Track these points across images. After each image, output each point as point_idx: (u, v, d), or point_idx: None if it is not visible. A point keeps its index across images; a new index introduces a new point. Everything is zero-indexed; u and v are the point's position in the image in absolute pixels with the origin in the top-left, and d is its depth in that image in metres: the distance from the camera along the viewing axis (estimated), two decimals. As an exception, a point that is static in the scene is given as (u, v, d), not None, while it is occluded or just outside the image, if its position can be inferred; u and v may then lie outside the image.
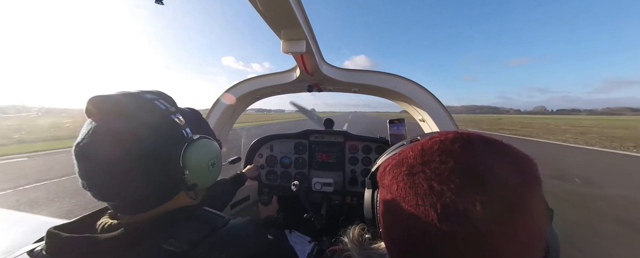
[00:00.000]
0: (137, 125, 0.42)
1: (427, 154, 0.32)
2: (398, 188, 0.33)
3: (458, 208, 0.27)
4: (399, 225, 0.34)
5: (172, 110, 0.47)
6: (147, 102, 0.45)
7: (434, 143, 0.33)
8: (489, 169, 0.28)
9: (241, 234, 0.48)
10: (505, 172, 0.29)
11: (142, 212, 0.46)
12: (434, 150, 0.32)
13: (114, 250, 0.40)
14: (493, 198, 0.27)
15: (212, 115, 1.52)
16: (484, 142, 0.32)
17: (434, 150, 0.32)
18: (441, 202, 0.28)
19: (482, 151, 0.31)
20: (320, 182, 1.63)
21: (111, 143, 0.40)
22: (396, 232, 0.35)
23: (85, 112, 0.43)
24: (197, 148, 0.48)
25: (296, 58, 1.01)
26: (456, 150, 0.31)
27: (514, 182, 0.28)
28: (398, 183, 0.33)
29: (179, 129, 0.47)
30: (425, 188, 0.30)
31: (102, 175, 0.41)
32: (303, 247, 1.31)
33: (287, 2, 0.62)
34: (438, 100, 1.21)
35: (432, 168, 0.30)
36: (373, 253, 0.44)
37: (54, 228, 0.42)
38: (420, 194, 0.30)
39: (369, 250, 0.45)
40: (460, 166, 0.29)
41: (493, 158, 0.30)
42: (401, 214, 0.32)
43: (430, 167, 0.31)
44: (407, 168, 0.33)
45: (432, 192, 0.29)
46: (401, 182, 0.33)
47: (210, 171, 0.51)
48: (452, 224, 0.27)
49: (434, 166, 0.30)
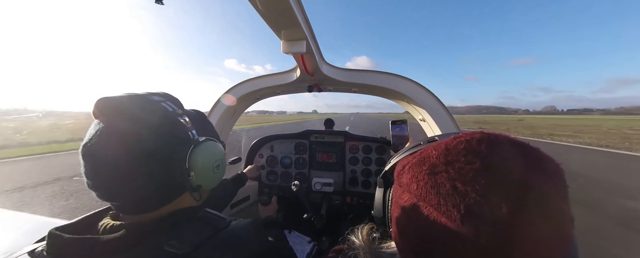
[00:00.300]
0: (144, 126, 0.43)
1: (451, 154, 0.32)
2: (418, 188, 0.32)
3: (483, 210, 0.26)
4: (415, 224, 0.33)
5: (179, 112, 0.48)
6: (154, 103, 0.46)
7: (459, 143, 0.32)
8: (518, 172, 0.28)
9: (242, 236, 0.48)
10: (535, 176, 0.28)
11: (146, 212, 0.46)
12: (459, 149, 0.31)
13: (116, 251, 0.40)
14: (520, 202, 0.26)
15: (212, 115, 1.52)
16: (513, 144, 0.31)
17: (459, 150, 0.31)
18: (465, 203, 0.27)
19: (511, 153, 0.30)
20: (320, 182, 1.63)
21: (118, 144, 0.41)
22: (412, 232, 0.34)
23: (93, 113, 0.43)
24: (203, 151, 0.48)
25: (296, 58, 1.01)
26: (483, 151, 0.30)
27: (543, 188, 0.27)
28: (418, 182, 0.33)
29: (185, 130, 0.47)
30: (448, 188, 0.29)
31: (108, 175, 0.42)
32: (302, 247, 1.31)
33: (287, 2, 0.62)
34: (438, 100, 1.21)
35: (457, 168, 0.30)
36: (382, 253, 0.44)
37: (56, 229, 0.42)
38: (443, 194, 0.29)
39: (378, 249, 0.45)
40: (487, 167, 0.29)
41: (522, 161, 0.29)
42: (419, 214, 0.32)
43: (455, 166, 0.30)
44: (429, 168, 0.32)
45: (456, 192, 0.28)
46: (422, 181, 0.32)
47: (215, 173, 0.52)
48: (476, 226, 0.26)
49: (459, 166, 0.30)
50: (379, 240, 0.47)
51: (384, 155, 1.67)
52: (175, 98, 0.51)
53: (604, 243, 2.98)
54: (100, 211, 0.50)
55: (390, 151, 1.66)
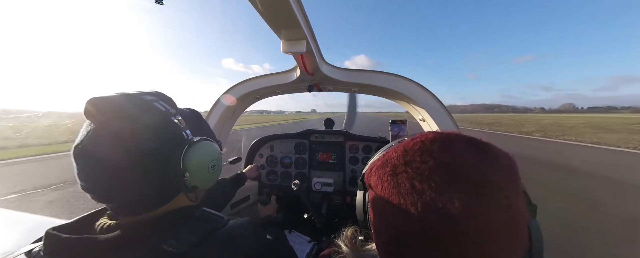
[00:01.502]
0: (136, 126, 0.42)
1: (409, 154, 0.33)
2: (383, 188, 0.34)
3: (437, 206, 0.27)
4: (385, 225, 0.34)
5: (172, 111, 0.47)
6: (146, 103, 0.45)
7: (415, 143, 0.34)
8: (468, 167, 0.29)
9: (240, 235, 0.48)
10: (484, 169, 0.29)
11: (142, 213, 0.46)
12: (415, 150, 0.33)
13: (113, 251, 0.39)
14: (471, 195, 0.27)
15: (212, 115, 1.52)
16: (464, 141, 0.33)
17: (415, 151, 0.33)
18: (422, 201, 0.28)
19: (461, 150, 0.31)
20: (320, 181, 1.63)
21: (110, 145, 0.40)
22: (384, 232, 0.35)
23: (84, 113, 0.42)
24: (198, 151, 0.48)
25: (296, 58, 1.01)
26: (436, 150, 0.32)
27: (493, 179, 0.28)
28: (383, 183, 0.34)
29: (179, 130, 0.46)
30: (408, 188, 0.30)
31: (102, 177, 0.41)
32: (302, 246, 1.31)
33: (287, 2, 0.61)
34: (438, 100, 1.21)
35: (414, 168, 0.31)
36: (365, 255, 0.44)
37: (53, 229, 0.42)
38: (403, 193, 0.31)
39: (362, 251, 0.45)
40: (440, 165, 0.30)
41: (473, 156, 0.31)
42: (387, 214, 0.33)
43: (412, 166, 0.32)
44: (391, 169, 0.34)
45: (414, 190, 0.30)
46: (385, 182, 0.34)
47: (210, 173, 0.51)
48: (433, 222, 0.27)
49: (416, 166, 0.31)
50: (362, 242, 0.47)
51: None
52: (168, 97, 0.50)
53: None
54: (98, 211, 0.50)
55: None
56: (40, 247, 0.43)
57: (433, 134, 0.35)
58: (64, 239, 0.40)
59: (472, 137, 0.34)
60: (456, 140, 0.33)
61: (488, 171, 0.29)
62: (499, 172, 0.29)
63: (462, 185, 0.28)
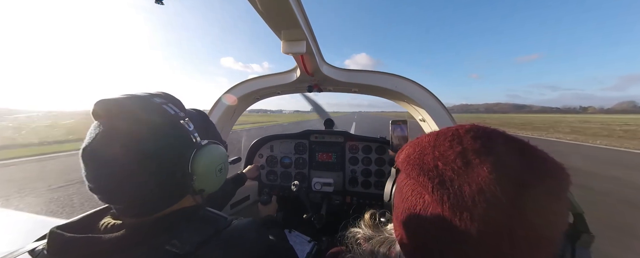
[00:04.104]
0: (145, 129, 0.42)
1: (440, 138, 0.35)
2: (408, 165, 0.36)
3: (453, 185, 0.29)
4: (403, 201, 0.36)
5: (180, 115, 0.47)
6: (155, 106, 0.45)
7: (449, 130, 0.35)
8: (493, 158, 0.29)
9: (243, 236, 0.48)
10: (511, 164, 0.28)
11: (148, 215, 0.46)
12: (447, 136, 0.34)
13: (117, 251, 0.39)
14: (489, 186, 0.27)
15: (212, 115, 1.52)
16: (500, 135, 0.33)
17: (447, 136, 0.34)
18: (440, 177, 0.30)
19: (492, 142, 0.31)
20: (320, 182, 1.63)
21: (119, 148, 0.40)
22: (400, 205, 0.37)
23: (93, 114, 0.43)
24: (206, 154, 0.48)
25: (296, 58, 1.01)
26: (467, 138, 0.32)
27: (518, 175, 0.27)
28: (409, 161, 0.36)
29: (187, 134, 0.46)
30: (431, 167, 0.32)
31: (109, 179, 0.41)
32: (302, 246, 1.31)
33: (287, 2, 0.62)
34: (438, 100, 1.22)
35: (441, 151, 0.33)
36: (385, 235, 0.46)
37: (57, 228, 0.42)
38: (425, 170, 0.32)
39: (382, 231, 0.47)
40: (466, 151, 0.31)
41: (503, 150, 0.30)
42: (406, 190, 0.36)
43: (440, 149, 0.33)
44: (420, 150, 0.36)
45: (436, 169, 0.31)
46: (412, 160, 0.35)
47: (217, 176, 0.51)
48: (442, 195, 0.29)
49: (443, 149, 0.33)
50: (384, 224, 0.50)
51: (384, 155, 1.67)
52: (176, 99, 0.51)
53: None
54: (101, 210, 0.50)
55: (389, 151, 1.66)
56: (43, 245, 0.43)
57: (469, 125, 0.35)
58: (68, 238, 0.40)
59: (511, 135, 0.33)
60: (492, 134, 0.33)
61: (514, 167, 0.28)
62: (527, 170, 0.28)
63: (482, 177, 0.28)
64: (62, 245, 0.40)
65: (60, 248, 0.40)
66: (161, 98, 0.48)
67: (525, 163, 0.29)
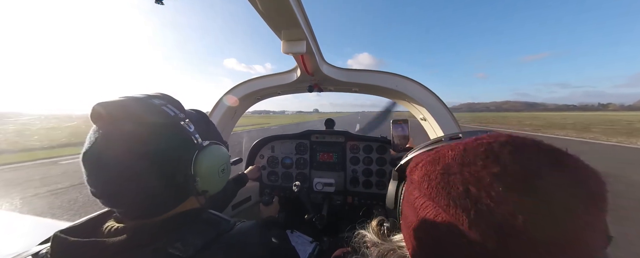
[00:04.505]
0: (145, 132, 0.42)
1: (469, 155, 0.29)
2: (429, 187, 0.31)
3: (495, 218, 0.24)
4: (422, 223, 0.32)
5: (180, 116, 0.46)
6: (155, 107, 0.44)
7: (480, 144, 0.30)
8: (541, 180, 0.25)
9: (246, 239, 0.48)
10: (562, 186, 0.25)
11: (151, 218, 0.45)
12: (478, 152, 0.29)
13: (120, 254, 0.39)
14: (539, 214, 0.23)
15: (213, 116, 1.52)
16: (542, 150, 0.28)
17: (479, 153, 0.29)
18: (476, 208, 0.25)
19: (536, 159, 0.27)
20: (321, 182, 1.63)
21: (119, 151, 0.40)
22: (418, 230, 0.34)
23: (91, 118, 0.42)
24: (208, 155, 0.47)
25: (296, 58, 1.01)
26: (504, 155, 0.27)
27: (569, 200, 0.24)
28: (430, 181, 0.31)
29: (188, 135, 0.46)
30: (461, 191, 0.27)
31: (111, 182, 0.41)
32: (304, 247, 1.31)
33: (287, 2, 0.62)
34: (439, 99, 1.21)
35: (472, 172, 0.27)
36: (392, 246, 0.43)
37: (60, 232, 0.42)
38: (454, 196, 0.27)
39: (389, 242, 0.45)
40: (506, 173, 0.26)
41: (549, 169, 0.26)
42: (427, 213, 0.31)
43: (471, 169, 0.28)
44: (443, 168, 0.30)
45: (468, 195, 0.26)
46: (434, 180, 0.30)
47: (220, 177, 0.51)
48: (484, 234, 0.24)
49: (475, 169, 0.27)
50: (389, 231, 0.47)
51: (385, 155, 1.67)
52: (176, 100, 0.50)
53: None
54: (104, 213, 0.50)
55: (390, 150, 1.65)
56: (47, 249, 0.43)
57: (505, 137, 0.30)
58: (72, 242, 0.40)
59: (553, 146, 0.29)
60: (531, 147, 0.28)
61: (566, 190, 0.25)
62: (579, 192, 0.25)
63: (528, 200, 0.24)
64: (66, 248, 0.40)
65: (63, 252, 0.40)
66: (160, 99, 0.47)
67: (580, 194, 0.25)
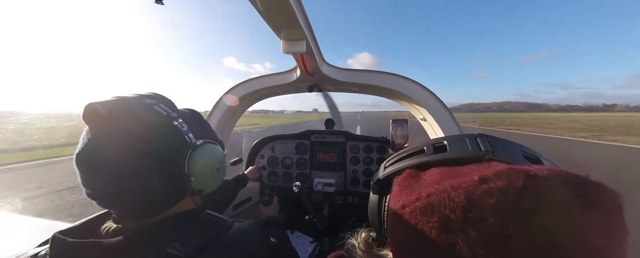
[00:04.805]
0: (138, 131, 0.41)
1: (475, 208, 0.22)
2: (423, 243, 0.25)
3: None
4: (411, 242, 0.28)
5: (173, 115, 0.46)
6: (147, 107, 0.44)
7: (488, 193, 0.22)
8: (573, 245, 0.19)
9: (245, 239, 0.48)
10: (593, 242, 0.19)
11: (148, 218, 0.45)
12: (488, 204, 0.22)
13: (119, 255, 0.39)
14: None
15: (213, 116, 1.52)
16: (572, 192, 0.21)
17: (489, 205, 0.22)
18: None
19: (566, 213, 0.20)
20: (321, 182, 1.63)
21: (112, 152, 0.40)
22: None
23: (83, 118, 0.42)
24: (202, 154, 0.47)
25: (296, 58, 1.01)
26: (523, 209, 0.21)
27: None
28: (423, 236, 0.25)
29: (181, 134, 0.46)
30: (466, 253, 0.22)
31: (105, 183, 0.41)
32: (305, 247, 1.31)
33: (287, 2, 0.61)
34: (439, 100, 1.21)
35: (481, 231, 0.22)
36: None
37: (59, 233, 0.42)
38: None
39: (378, 256, 0.41)
40: (528, 236, 0.20)
41: (582, 226, 0.20)
42: (415, 239, 0.26)
43: (478, 228, 0.22)
44: (440, 221, 0.24)
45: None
46: (429, 235, 0.25)
47: (215, 176, 0.51)
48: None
49: (485, 229, 0.21)
50: (377, 246, 0.44)
51: (385, 155, 1.67)
52: (168, 99, 0.50)
53: None
54: (103, 214, 0.50)
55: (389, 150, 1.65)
56: (46, 250, 0.43)
57: (523, 179, 0.22)
58: (70, 243, 0.40)
59: (578, 178, 0.22)
60: (560, 192, 0.21)
61: (599, 244, 0.19)
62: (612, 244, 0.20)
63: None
64: (64, 249, 0.40)
65: (62, 253, 0.40)
66: (152, 99, 0.47)
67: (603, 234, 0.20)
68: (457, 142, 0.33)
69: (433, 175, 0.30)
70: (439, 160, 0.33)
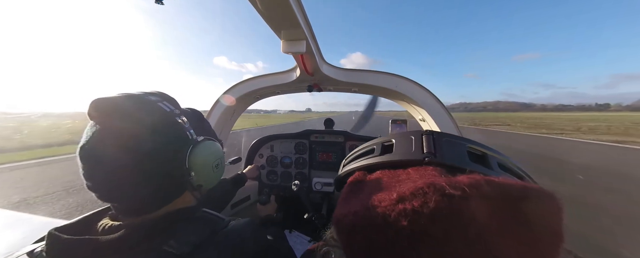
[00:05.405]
0: (141, 127, 0.42)
1: (391, 230, 0.21)
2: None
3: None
4: None
5: (176, 112, 0.48)
6: (150, 103, 0.46)
7: (403, 214, 0.20)
8: None
9: (241, 236, 0.48)
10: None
11: (146, 213, 0.46)
12: (401, 227, 0.20)
13: (115, 252, 0.40)
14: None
15: (212, 115, 1.52)
16: (495, 212, 0.19)
17: (402, 228, 0.20)
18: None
19: (481, 241, 0.18)
20: (320, 181, 1.63)
21: (115, 146, 0.41)
22: None
23: (88, 114, 0.43)
24: (202, 150, 0.49)
25: (296, 58, 1.01)
26: (435, 235, 0.19)
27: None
28: (353, 253, 0.24)
29: (183, 130, 0.47)
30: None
31: (107, 177, 0.41)
32: (303, 246, 1.31)
33: (288, 2, 0.62)
34: (438, 100, 1.22)
35: (399, 255, 0.20)
36: None
37: (55, 230, 0.42)
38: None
39: None
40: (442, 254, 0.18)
41: (500, 255, 0.18)
42: None
43: (396, 253, 0.20)
44: (366, 241, 0.23)
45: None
46: (358, 254, 0.24)
47: (214, 172, 0.52)
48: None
49: (401, 254, 0.20)
50: None
51: None
52: (171, 97, 0.51)
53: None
54: (100, 211, 0.50)
55: None
56: (42, 247, 0.43)
57: (434, 202, 0.19)
58: (66, 240, 0.40)
59: (505, 190, 0.19)
60: (474, 210, 0.18)
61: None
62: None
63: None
64: (60, 247, 0.40)
65: (58, 250, 0.40)
66: (156, 96, 0.49)
67: None
68: (403, 141, 0.33)
69: (372, 184, 0.29)
70: (384, 163, 0.33)
